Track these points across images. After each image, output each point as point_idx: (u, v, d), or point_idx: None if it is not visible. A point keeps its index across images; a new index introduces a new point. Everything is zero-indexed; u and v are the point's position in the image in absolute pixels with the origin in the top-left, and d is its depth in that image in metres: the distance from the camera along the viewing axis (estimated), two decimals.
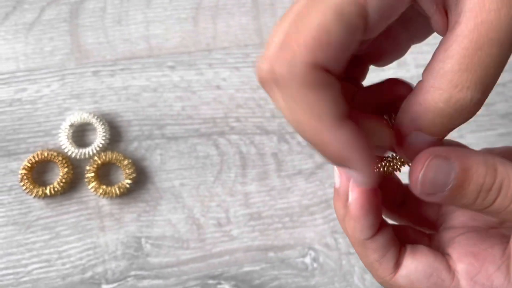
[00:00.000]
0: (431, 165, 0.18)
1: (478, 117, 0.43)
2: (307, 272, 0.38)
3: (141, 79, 0.41)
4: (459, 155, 0.18)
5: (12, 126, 0.39)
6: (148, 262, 0.37)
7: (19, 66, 0.40)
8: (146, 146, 0.40)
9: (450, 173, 0.18)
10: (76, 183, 0.38)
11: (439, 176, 0.18)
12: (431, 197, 0.18)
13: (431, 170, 0.18)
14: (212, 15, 0.43)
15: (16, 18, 0.41)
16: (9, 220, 0.37)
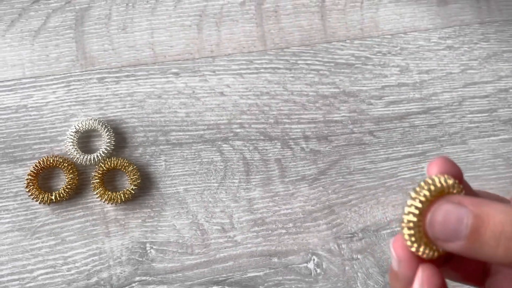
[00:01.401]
0: (440, 209, 0.18)
1: (481, 123, 0.43)
2: (310, 277, 0.39)
3: (146, 85, 0.41)
4: (474, 202, 0.18)
5: (18, 132, 0.39)
6: (153, 267, 0.38)
7: (25, 73, 0.41)
8: (151, 152, 0.40)
9: (462, 219, 0.18)
10: (81, 189, 0.39)
11: (449, 220, 0.18)
12: (449, 245, 0.18)
13: (439, 214, 0.18)
14: (216, 22, 0.43)
15: (22, 25, 0.42)
16: (15, 226, 0.38)
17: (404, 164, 0.42)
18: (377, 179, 0.41)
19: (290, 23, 0.44)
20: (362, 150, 0.42)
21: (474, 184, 0.41)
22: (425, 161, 0.42)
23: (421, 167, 0.42)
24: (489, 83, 0.44)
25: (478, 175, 0.42)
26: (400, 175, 0.41)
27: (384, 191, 0.41)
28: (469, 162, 0.42)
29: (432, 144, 0.42)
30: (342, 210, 0.40)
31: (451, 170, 0.20)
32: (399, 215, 0.41)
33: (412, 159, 0.42)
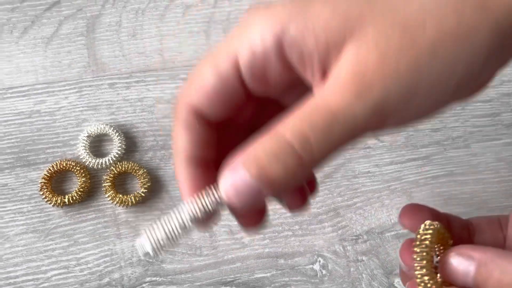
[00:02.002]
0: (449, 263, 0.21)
1: (484, 127, 0.44)
2: (316, 278, 0.40)
3: (156, 91, 0.42)
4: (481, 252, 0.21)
5: (31, 137, 0.41)
6: (162, 268, 0.39)
7: (38, 79, 0.42)
8: (161, 156, 0.41)
9: (468, 273, 0.21)
10: (93, 192, 0.40)
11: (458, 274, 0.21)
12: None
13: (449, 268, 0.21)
14: (223, 28, 0.44)
15: (35, 32, 0.43)
16: (29, 228, 0.39)
17: (408, 167, 0.42)
18: (381, 182, 0.42)
19: None
20: (367, 154, 0.42)
21: (477, 187, 0.42)
22: (429, 165, 0.43)
23: (425, 170, 0.43)
24: (492, 88, 0.45)
25: (481, 178, 0.43)
26: (404, 178, 0.42)
27: (389, 194, 0.42)
28: (472, 166, 0.43)
29: (435, 147, 0.43)
30: (347, 212, 0.41)
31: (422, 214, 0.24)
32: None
33: (416, 163, 0.43)
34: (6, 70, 0.42)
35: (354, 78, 0.18)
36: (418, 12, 0.18)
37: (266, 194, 0.19)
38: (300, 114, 0.18)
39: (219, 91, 0.20)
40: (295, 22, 0.18)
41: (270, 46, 0.19)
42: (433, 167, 0.43)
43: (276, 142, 0.18)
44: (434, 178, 0.42)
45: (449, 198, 0.42)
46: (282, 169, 0.18)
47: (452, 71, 0.18)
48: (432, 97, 0.18)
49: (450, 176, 0.42)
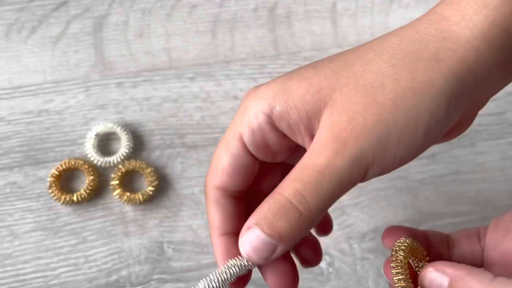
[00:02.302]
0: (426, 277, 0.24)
1: (489, 126, 0.44)
2: (322, 276, 0.40)
3: (162, 90, 0.43)
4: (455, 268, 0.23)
5: (40, 135, 0.41)
6: (170, 266, 0.39)
7: (46, 78, 0.42)
8: (168, 155, 0.41)
9: (443, 283, 0.23)
10: (101, 190, 0.40)
11: (433, 283, 0.24)
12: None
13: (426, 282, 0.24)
14: (229, 27, 0.45)
15: (43, 32, 0.43)
16: (38, 226, 0.39)
17: (414, 166, 0.43)
18: (387, 180, 0.42)
19: (301, 28, 0.45)
20: None
21: (483, 186, 0.42)
22: (435, 163, 0.43)
23: (430, 169, 0.43)
24: None
25: (487, 177, 0.43)
26: (410, 177, 0.42)
27: (395, 192, 0.42)
28: (477, 164, 0.43)
29: (441, 146, 0.43)
30: (354, 211, 0.41)
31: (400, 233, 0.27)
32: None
33: (422, 161, 0.43)
34: (15, 69, 0.42)
35: (331, 139, 0.21)
36: (377, 76, 0.22)
37: (280, 248, 0.22)
38: (294, 175, 0.22)
39: (234, 167, 0.24)
40: (279, 101, 0.23)
41: (264, 122, 0.23)
42: (439, 166, 0.43)
43: (278, 201, 0.22)
44: (439, 176, 0.42)
45: (454, 196, 0.42)
46: (287, 223, 0.21)
47: (416, 119, 0.21)
48: (404, 143, 0.21)
49: (455, 175, 0.43)
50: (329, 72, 0.22)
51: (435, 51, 0.22)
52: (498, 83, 0.23)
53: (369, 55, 0.22)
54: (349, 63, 0.23)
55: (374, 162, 0.21)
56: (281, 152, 0.25)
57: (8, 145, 0.40)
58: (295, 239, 0.22)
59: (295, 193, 0.21)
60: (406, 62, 0.22)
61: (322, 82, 0.22)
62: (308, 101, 0.22)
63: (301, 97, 0.22)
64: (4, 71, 0.42)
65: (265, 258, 0.22)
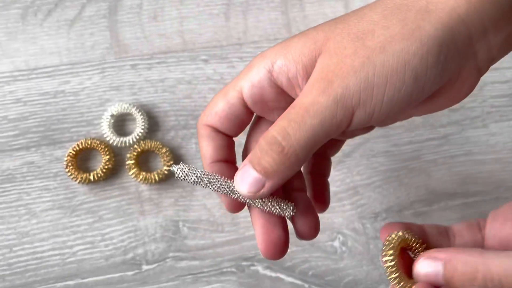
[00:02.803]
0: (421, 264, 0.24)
1: (502, 107, 0.44)
2: (336, 255, 0.40)
3: (177, 72, 0.43)
4: (445, 251, 0.24)
5: (56, 116, 0.41)
6: (185, 244, 0.40)
7: (62, 60, 0.43)
8: (182, 135, 0.42)
9: (438, 269, 0.24)
10: (117, 170, 0.41)
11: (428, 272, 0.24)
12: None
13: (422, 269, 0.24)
14: (242, 10, 0.45)
15: (58, 15, 0.44)
16: (55, 204, 0.40)
17: (426, 147, 0.43)
18: (400, 161, 0.42)
19: (314, 11, 0.45)
20: (386, 134, 0.43)
21: (495, 167, 0.43)
22: (447, 144, 0.43)
23: (443, 149, 0.43)
24: (510, 69, 0.45)
25: (499, 157, 0.43)
26: (423, 157, 0.43)
27: (407, 173, 0.42)
28: (490, 145, 0.43)
29: (454, 127, 0.43)
30: (367, 191, 0.42)
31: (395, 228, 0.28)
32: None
33: (434, 142, 0.43)
34: (31, 51, 0.43)
35: (319, 79, 0.22)
36: (368, 24, 0.23)
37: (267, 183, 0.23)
38: (283, 114, 0.23)
39: (227, 114, 0.26)
40: (279, 56, 0.24)
41: (264, 78, 0.25)
42: (451, 147, 0.43)
43: (265, 138, 0.23)
44: (452, 157, 0.43)
45: (467, 177, 0.42)
46: (271, 158, 0.23)
47: (404, 62, 0.21)
48: (392, 86, 0.22)
49: (468, 156, 0.43)
50: (326, 27, 0.24)
51: (426, 3, 0.22)
52: (496, 42, 0.23)
53: (364, 10, 0.24)
54: (345, 18, 0.24)
55: (360, 103, 0.22)
56: (278, 110, 0.26)
57: (25, 125, 0.41)
58: (281, 175, 0.23)
59: (280, 129, 0.22)
60: (397, 12, 0.22)
61: (319, 34, 0.24)
62: (305, 52, 0.24)
63: (299, 50, 0.24)
64: (20, 53, 0.42)
65: (254, 192, 0.23)
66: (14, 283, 0.38)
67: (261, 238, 0.26)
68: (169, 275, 0.39)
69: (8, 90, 0.42)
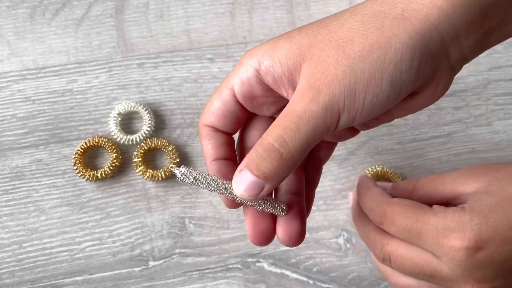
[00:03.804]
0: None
1: (505, 105, 0.44)
2: (340, 252, 0.41)
3: (182, 70, 0.43)
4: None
5: (64, 114, 0.42)
6: (191, 240, 0.40)
7: (70, 59, 0.43)
8: (188, 133, 0.42)
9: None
10: (124, 168, 0.41)
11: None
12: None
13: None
14: (248, 9, 0.45)
15: (66, 14, 0.44)
16: (63, 201, 0.40)
17: (430, 144, 0.43)
18: (404, 159, 0.43)
19: (319, 10, 0.46)
20: (390, 131, 0.43)
21: None
22: (451, 142, 0.43)
23: (447, 147, 0.43)
24: None
25: (503, 155, 0.43)
26: (427, 155, 0.43)
27: (411, 170, 0.42)
28: (494, 143, 0.43)
29: (457, 125, 0.44)
30: None
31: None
32: None
33: (438, 140, 0.43)
34: (39, 50, 0.43)
35: (308, 88, 0.24)
36: (348, 32, 0.24)
37: (266, 186, 0.25)
38: (277, 122, 0.25)
39: (223, 111, 0.28)
40: (266, 57, 0.26)
41: (252, 75, 0.27)
42: (455, 145, 0.43)
43: (262, 145, 0.24)
44: (456, 155, 0.43)
45: None
46: (271, 164, 0.24)
47: (381, 70, 0.24)
48: (370, 92, 0.24)
49: (472, 154, 0.43)
50: (310, 31, 0.26)
51: (401, 10, 0.24)
52: (468, 44, 0.25)
53: (344, 16, 0.25)
54: (327, 23, 0.25)
55: (344, 107, 0.24)
56: (267, 105, 0.28)
57: (33, 123, 0.42)
58: (279, 178, 0.25)
59: (277, 137, 0.24)
60: (374, 20, 0.24)
61: (303, 39, 0.25)
62: (290, 56, 0.25)
63: (285, 53, 0.25)
64: (29, 52, 0.43)
65: (255, 196, 0.25)
66: (24, 279, 0.39)
67: (251, 227, 0.28)
68: (176, 271, 0.40)
69: (17, 89, 0.42)
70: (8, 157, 0.41)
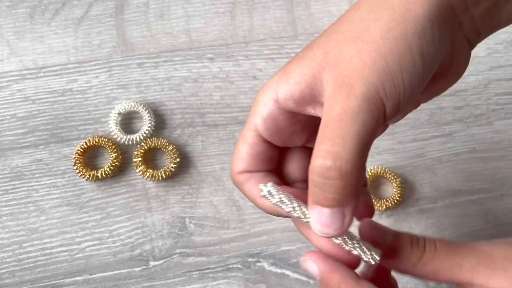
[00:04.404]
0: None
1: (506, 104, 0.44)
2: None
3: (183, 70, 0.43)
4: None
5: (64, 114, 0.42)
6: (192, 240, 0.40)
7: (70, 59, 0.43)
8: (188, 133, 0.42)
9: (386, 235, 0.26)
10: (124, 167, 0.41)
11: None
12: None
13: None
14: (248, 9, 0.45)
15: (66, 14, 0.44)
16: (64, 201, 0.40)
17: (431, 144, 0.43)
18: (404, 159, 0.43)
19: (319, 9, 0.45)
20: (391, 131, 0.43)
21: (500, 164, 0.43)
22: (452, 142, 0.43)
23: (447, 147, 0.43)
24: None
25: (504, 155, 0.43)
26: (427, 155, 0.43)
27: (412, 170, 0.42)
28: (495, 143, 0.43)
29: (458, 125, 0.44)
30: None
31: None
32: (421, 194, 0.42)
33: (439, 140, 0.43)
34: (39, 50, 0.43)
35: (337, 89, 0.22)
36: (359, 23, 0.23)
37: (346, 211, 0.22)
38: (318, 139, 0.22)
39: (251, 155, 0.26)
40: (281, 84, 0.24)
41: (272, 108, 0.25)
42: (456, 144, 0.43)
43: (315, 172, 0.22)
44: (457, 155, 0.43)
45: (472, 174, 0.42)
46: (334, 187, 0.21)
47: (407, 45, 0.22)
48: (406, 70, 0.22)
49: (473, 153, 0.43)
50: (320, 43, 0.24)
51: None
52: (478, 14, 0.24)
53: (350, 13, 0.24)
54: (335, 28, 0.24)
55: (386, 93, 0.22)
56: (297, 134, 0.26)
57: (33, 123, 0.42)
58: (352, 196, 0.22)
59: (325, 154, 0.21)
60: (382, 4, 0.23)
61: (315, 52, 0.24)
62: (306, 72, 0.23)
63: (299, 71, 0.24)
64: (29, 52, 0.43)
65: (340, 228, 0.22)
66: (24, 279, 0.39)
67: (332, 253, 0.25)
68: (176, 271, 0.39)
69: (17, 89, 0.42)
70: (8, 157, 0.41)
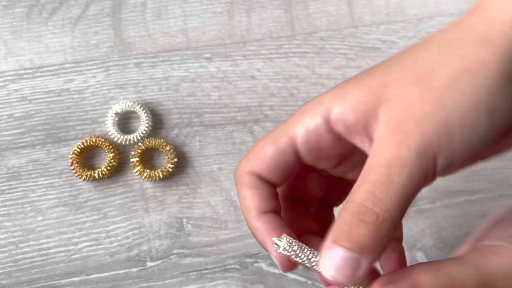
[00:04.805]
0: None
1: None
2: None
3: (180, 70, 0.43)
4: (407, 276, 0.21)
5: (61, 114, 0.42)
6: (189, 241, 0.40)
7: (67, 58, 0.43)
8: (186, 133, 0.42)
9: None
10: (121, 167, 0.41)
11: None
12: None
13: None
14: (246, 8, 0.45)
15: (63, 14, 0.44)
16: (60, 202, 0.40)
17: None
18: None
19: (317, 9, 0.45)
20: None
21: (499, 164, 0.43)
22: None
23: None
24: None
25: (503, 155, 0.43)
26: None
27: None
28: None
29: None
30: None
31: None
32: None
33: None
34: (36, 50, 0.43)
35: (391, 132, 0.21)
36: (426, 65, 0.22)
37: (364, 260, 0.20)
38: (361, 179, 0.21)
39: (276, 161, 0.24)
40: (336, 104, 0.23)
41: (321, 124, 0.23)
42: None
43: (350, 210, 0.20)
44: None
45: (470, 174, 0.42)
46: (365, 230, 0.20)
47: (475, 99, 0.21)
48: (468, 126, 0.21)
49: None
50: (379, 71, 0.23)
51: (483, 34, 0.22)
52: None
53: (417, 49, 0.23)
54: (398, 60, 0.23)
55: (441, 148, 0.20)
56: (331, 158, 0.25)
57: (30, 123, 0.41)
58: (378, 247, 0.20)
59: (367, 196, 0.20)
60: (453, 47, 0.22)
61: (374, 81, 0.22)
62: (363, 100, 0.22)
63: (356, 98, 0.22)
64: (25, 52, 0.43)
65: (350, 276, 0.20)
66: (20, 280, 0.39)
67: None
68: (173, 271, 0.39)
69: (14, 89, 0.42)
70: (5, 157, 0.41)
